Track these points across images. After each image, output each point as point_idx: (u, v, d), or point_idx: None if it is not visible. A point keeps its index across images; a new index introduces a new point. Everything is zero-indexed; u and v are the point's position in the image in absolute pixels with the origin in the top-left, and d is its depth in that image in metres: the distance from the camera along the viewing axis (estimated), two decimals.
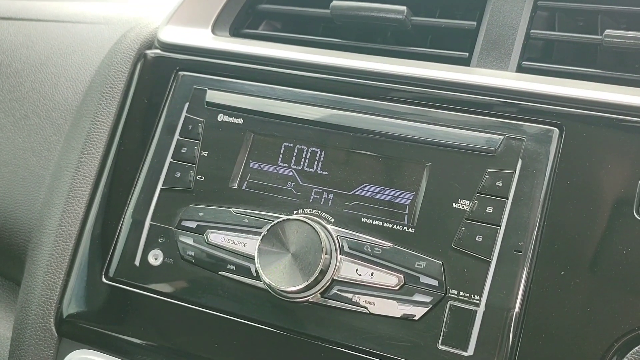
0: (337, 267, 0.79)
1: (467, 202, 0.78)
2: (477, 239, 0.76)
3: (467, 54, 0.91)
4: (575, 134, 0.78)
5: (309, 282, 0.78)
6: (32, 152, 1.02)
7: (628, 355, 0.71)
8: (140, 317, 0.87)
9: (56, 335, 0.90)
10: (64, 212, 0.93)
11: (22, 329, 0.92)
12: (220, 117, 0.90)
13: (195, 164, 0.88)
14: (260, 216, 0.84)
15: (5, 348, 1.00)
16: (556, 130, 0.78)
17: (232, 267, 0.83)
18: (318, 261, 0.78)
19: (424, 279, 0.77)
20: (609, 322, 0.72)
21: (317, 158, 0.85)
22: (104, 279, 0.89)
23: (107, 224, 0.91)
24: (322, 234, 0.79)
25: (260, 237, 0.80)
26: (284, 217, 0.81)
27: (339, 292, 0.79)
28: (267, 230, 0.80)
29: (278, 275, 0.79)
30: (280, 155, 0.86)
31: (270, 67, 0.91)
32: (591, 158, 0.76)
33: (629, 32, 0.83)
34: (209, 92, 0.91)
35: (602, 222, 0.74)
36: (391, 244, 0.79)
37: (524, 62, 0.88)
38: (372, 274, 0.79)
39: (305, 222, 0.79)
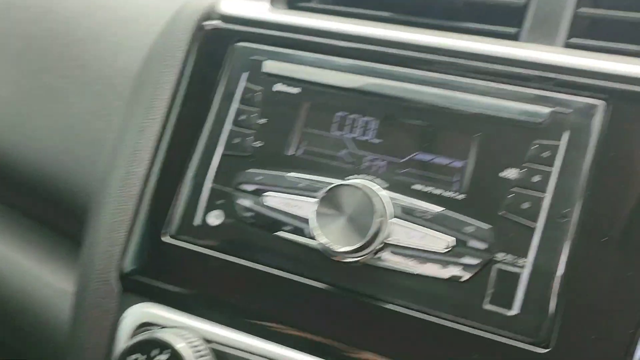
0: (388, 230, 0.84)
1: (515, 170, 0.81)
2: (523, 206, 0.80)
3: (516, 29, 0.94)
4: (621, 108, 0.81)
5: (363, 243, 0.82)
6: (96, 117, 1.08)
7: None
8: (197, 273, 0.92)
9: (118, 289, 0.95)
10: (127, 173, 0.98)
11: (86, 283, 0.97)
12: (278, 87, 0.94)
13: (254, 131, 0.93)
14: (315, 181, 0.88)
15: (67, 303, 1.06)
16: (602, 104, 0.81)
17: (288, 228, 0.88)
18: (371, 224, 0.82)
19: (472, 243, 0.81)
20: None
21: (370, 127, 0.89)
22: (163, 238, 0.94)
23: (168, 185, 0.96)
24: (375, 199, 0.83)
25: (316, 200, 0.84)
26: (339, 182, 0.85)
27: (390, 254, 0.83)
28: (323, 194, 0.84)
29: (333, 237, 0.83)
30: (335, 124, 0.90)
31: (326, 39, 0.95)
32: (636, 133, 0.80)
33: None
34: (266, 62, 0.95)
35: None
36: (441, 210, 0.83)
37: (571, 39, 0.91)
38: (422, 237, 0.83)
39: (358, 187, 0.84)
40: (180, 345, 0.86)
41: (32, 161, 1.12)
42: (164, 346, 0.86)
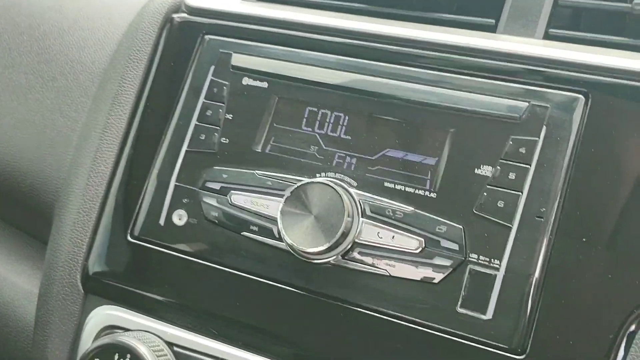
0: (358, 229, 0.80)
1: (490, 168, 0.78)
2: (498, 205, 0.77)
3: (494, 20, 0.91)
4: (601, 102, 0.77)
5: (331, 243, 0.78)
6: (60, 113, 1.04)
7: None
8: (163, 275, 0.88)
9: (82, 291, 0.92)
10: (90, 172, 0.94)
11: (49, 285, 0.94)
12: (245, 81, 0.91)
13: (219, 127, 0.89)
14: (283, 179, 0.85)
15: (32, 304, 1.03)
16: (582, 98, 0.78)
17: (254, 228, 0.85)
18: (340, 223, 0.79)
19: (445, 243, 0.78)
20: (628, 290, 0.72)
21: (340, 123, 0.86)
22: (129, 238, 0.90)
23: (133, 184, 0.92)
24: (345, 197, 0.79)
25: (283, 199, 0.81)
26: (307, 179, 0.82)
27: (359, 255, 0.80)
28: (291, 192, 0.81)
29: (300, 237, 0.80)
30: (304, 119, 0.87)
31: (296, 31, 0.91)
32: (617, 127, 0.76)
33: None
34: (234, 55, 0.92)
35: (626, 191, 0.74)
36: (413, 208, 0.79)
37: (550, 30, 0.88)
38: (393, 237, 0.79)
39: (328, 185, 0.80)
40: (141, 350, 0.82)
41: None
42: (125, 350, 0.82)
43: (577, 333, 0.72)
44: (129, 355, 0.82)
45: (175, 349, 0.85)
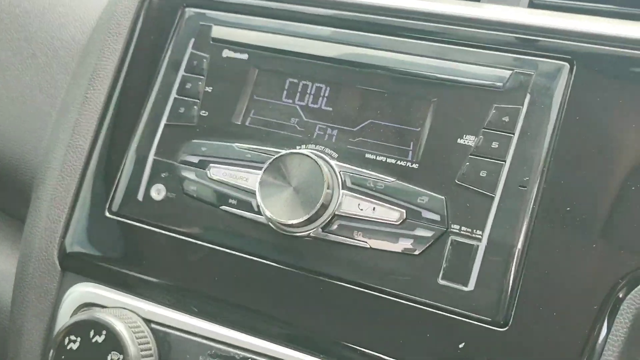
0: (339, 201, 0.78)
1: (473, 137, 0.76)
2: (481, 174, 0.75)
3: None
4: (586, 69, 0.75)
5: (310, 215, 0.77)
6: (40, 90, 1.02)
7: (633, 292, 0.69)
8: (142, 251, 0.87)
9: (59, 268, 0.90)
10: (68, 147, 0.92)
11: (26, 263, 0.92)
12: (226, 53, 0.89)
13: (199, 100, 0.87)
14: (263, 151, 0.83)
15: (10, 284, 1.01)
16: (566, 65, 0.76)
17: (233, 201, 0.83)
18: (320, 195, 0.77)
19: (426, 214, 0.76)
20: (613, 260, 0.70)
21: (321, 94, 0.84)
22: (107, 214, 0.89)
23: (111, 159, 0.90)
24: (325, 169, 0.78)
25: (262, 170, 0.79)
26: (287, 151, 0.80)
27: (340, 227, 0.78)
28: (269, 163, 0.79)
29: (279, 209, 0.78)
30: (285, 91, 0.85)
31: (276, 2, 0.89)
32: (601, 94, 0.74)
33: None
34: (214, 27, 0.90)
35: (610, 159, 0.72)
36: (394, 179, 0.78)
37: None
38: (374, 208, 0.77)
39: (307, 156, 0.78)
40: (118, 326, 0.80)
41: None
42: (101, 327, 0.81)
43: (561, 304, 0.70)
44: (104, 332, 0.81)
45: (153, 325, 0.84)
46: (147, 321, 0.84)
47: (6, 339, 0.97)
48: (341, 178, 0.79)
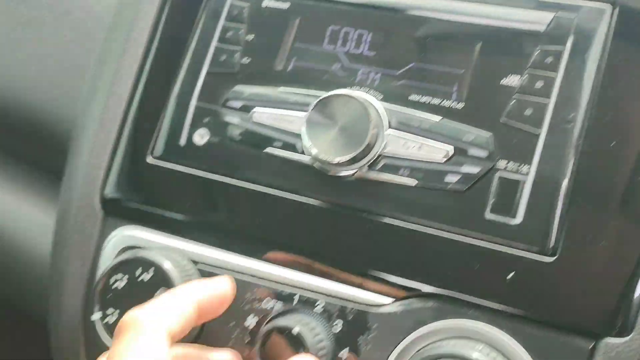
0: (384, 141, 0.80)
1: (517, 77, 0.78)
2: (526, 112, 0.76)
3: None
4: (628, 11, 0.77)
5: (356, 154, 0.78)
6: (76, 44, 1.03)
7: None
8: (185, 194, 0.88)
9: (101, 213, 0.91)
10: (108, 95, 0.93)
11: (67, 209, 0.93)
12: (265, 3, 0.90)
13: (240, 47, 0.88)
14: (307, 94, 0.84)
15: (47, 234, 1.02)
16: (609, 7, 0.78)
17: (278, 144, 0.84)
18: (366, 135, 0.78)
19: (473, 151, 0.77)
20: None
21: (364, 40, 0.85)
22: (148, 159, 0.90)
23: (152, 107, 0.91)
24: (371, 109, 0.79)
25: (309, 110, 0.80)
26: (333, 92, 0.81)
27: (385, 166, 0.79)
28: (316, 104, 0.80)
29: (325, 148, 0.79)
30: (327, 38, 0.86)
31: None
32: None
33: None
34: None
35: None
36: (439, 119, 0.79)
37: None
38: (419, 147, 0.79)
39: (354, 97, 0.79)
40: (166, 264, 0.81)
41: (8, 93, 1.07)
42: (148, 264, 0.82)
43: (608, 234, 0.72)
44: (152, 269, 0.82)
45: (199, 265, 0.85)
46: (193, 261, 0.85)
47: (46, 285, 0.98)
48: (386, 118, 0.80)
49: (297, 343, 0.77)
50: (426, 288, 0.76)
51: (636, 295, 0.71)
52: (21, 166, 1.11)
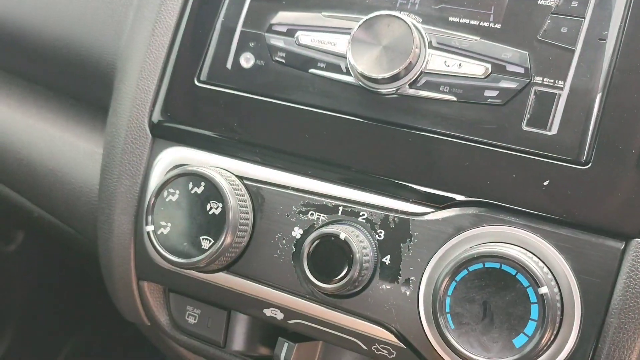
0: (425, 59, 0.84)
1: None
2: (562, 30, 0.80)
3: None
4: None
5: (399, 70, 0.82)
6: None
7: None
8: (231, 116, 0.92)
9: (150, 135, 0.95)
10: (156, 23, 0.97)
11: (116, 132, 0.97)
12: None
13: None
14: (350, 18, 0.88)
15: (93, 161, 1.06)
16: None
17: (322, 65, 0.88)
18: (409, 52, 0.82)
19: (510, 67, 0.81)
20: None
21: None
22: (196, 82, 0.94)
23: (199, 32, 0.95)
24: (413, 29, 0.83)
25: (354, 29, 0.84)
26: (378, 12, 0.84)
27: (427, 83, 0.84)
28: (362, 23, 0.84)
29: (369, 65, 0.83)
30: None
31: None
32: None
33: None
34: None
35: None
36: (478, 38, 0.83)
37: None
38: (459, 65, 0.83)
39: (397, 17, 0.83)
40: (217, 177, 0.86)
41: (51, 28, 1.10)
42: (200, 179, 0.86)
43: (638, 144, 0.76)
44: (203, 183, 0.86)
45: (246, 181, 0.89)
46: (240, 177, 0.89)
47: (94, 205, 1.02)
48: (428, 38, 0.84)
49: (344, 249, 0.81)
50: (465, 197, 0.81)
51: None
52: (64, 99, 1.15)
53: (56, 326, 1.75)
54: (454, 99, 0.83)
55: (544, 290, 0.73)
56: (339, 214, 0.85)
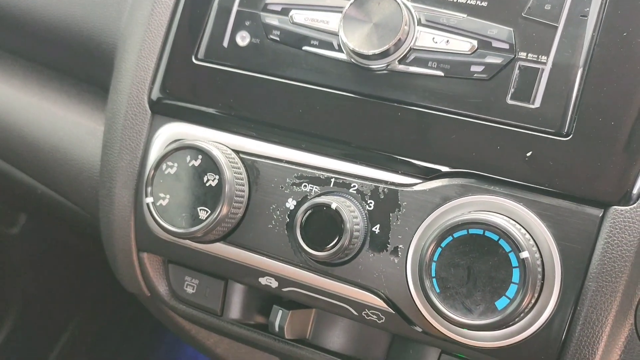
0: (414, 36, 0.87)
1: None
2: (545, 7, 0.83)
3: None
4: None
5: (389, 46, 0.85)
6: None
7: None
8: (228, 92, 0.95)
9: (149, 112, 0.98)
10: (155, 2, 1.00)
11: (117, 108, 1.01)
12: None
13: None
14: None
15: (95, 138, 1.10)
16: None
17: (315, 42, 0.91)
18: (398, 29, 0.85)
19: (496, 44, 0.84)
20: None
21: None
22: (194, 60, 0.97)
23: (196, 12, 0.98)
24: (403, 6, 0.86)
25: (346, 7, 0.87)
26: None
27: (415, 59, 0.87)
28: (353, 1, 0.87)
29: (360, 41, 0.86)
30: None
31: None
32: None
33: None
34: None
35: None
36: (465, 15, 0.86)
37: None
38: (447, 41, 0.86)
39: None
40: (214, 151, 0.89)
41: (53, 8, 1.14)
42: (197, 152, 0.89)
43: (618, 117, 0.79)
44: (200, 156, 0.89)
45: (242, 155, 0.93)
46: (236, 151, 0.93)
47: (95, 179, 1.05)
48: (417, 15, 0.87)
49: (335, 219, 0.85)
50: (452, 168, 0.84)
51: None
52: (65, 79, 1.19)
53: (58, 309, 1.79)
54: (442, 74, 0.86)
55: (524, 254, 0.76)
56: (331, 185, 0.89)
